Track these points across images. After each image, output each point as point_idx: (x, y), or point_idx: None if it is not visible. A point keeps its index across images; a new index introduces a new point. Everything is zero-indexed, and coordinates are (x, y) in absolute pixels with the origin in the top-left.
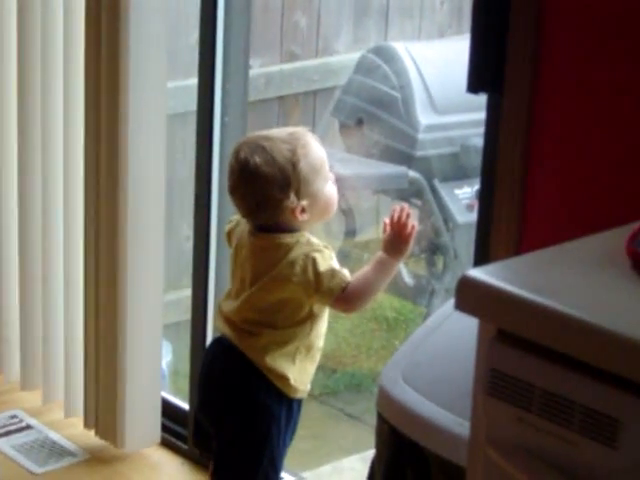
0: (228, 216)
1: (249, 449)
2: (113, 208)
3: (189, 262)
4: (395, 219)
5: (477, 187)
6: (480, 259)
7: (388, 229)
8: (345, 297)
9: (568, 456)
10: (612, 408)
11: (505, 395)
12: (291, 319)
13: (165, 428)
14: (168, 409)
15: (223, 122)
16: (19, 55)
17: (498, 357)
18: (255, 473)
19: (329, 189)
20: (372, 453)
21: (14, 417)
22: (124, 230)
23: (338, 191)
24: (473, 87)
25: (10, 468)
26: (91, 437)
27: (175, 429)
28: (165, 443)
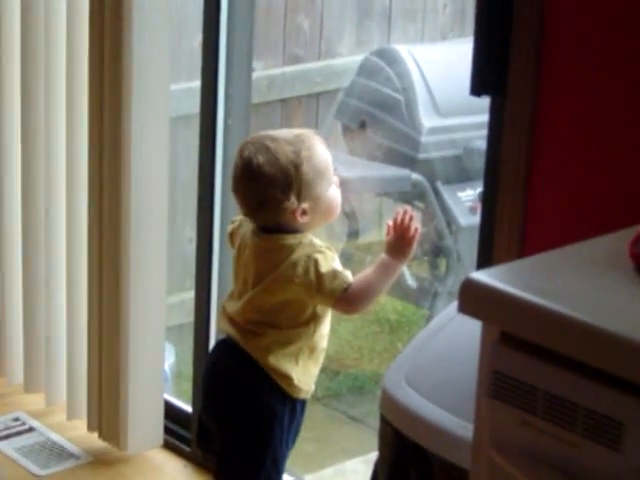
0: (231, 218)
1: (252, 449)
2: (116, 210)
3: (192, 264)
4: (398, 222)
5: (480, 189)
6: (483, 262)
7: (391, 232)
8: (347, 298)
9: (571, 459)
10: (616, 411)
11: (508, 398)
12: (295, 320)
13: (168, 430)
14: (171, 411)
15: (226, 124)
16: (22, 57)
17: (501, 360)
18: (258, 474)
19: (332, 192)
20: (375, 455)
21: (17, 419)
22: (127, 232)
23: (341, 193)
24: (476, 90)
25: (13, 470)
26: (94, 439)
27: (178, 431)
28: (168, 445)
